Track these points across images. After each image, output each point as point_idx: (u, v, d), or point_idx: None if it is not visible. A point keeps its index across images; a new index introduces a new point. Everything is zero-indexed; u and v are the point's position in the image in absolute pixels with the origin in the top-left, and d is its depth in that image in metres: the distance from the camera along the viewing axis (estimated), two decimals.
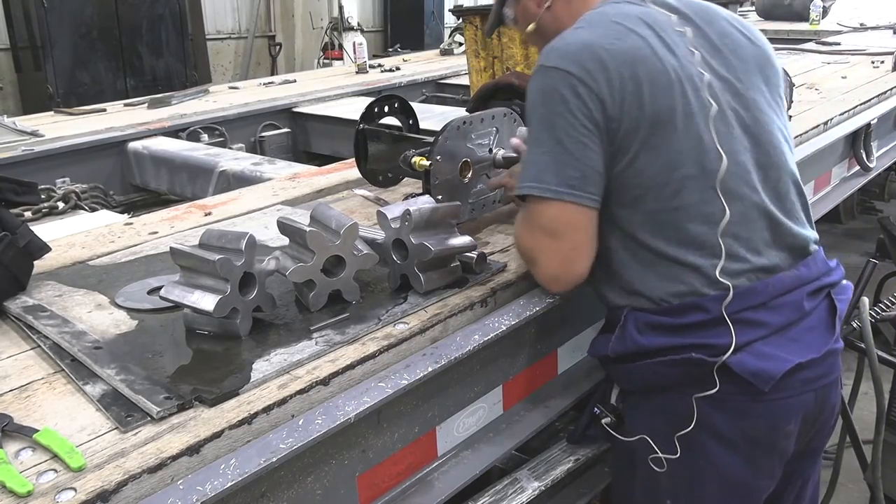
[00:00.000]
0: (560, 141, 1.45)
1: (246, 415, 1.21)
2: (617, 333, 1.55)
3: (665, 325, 1.49)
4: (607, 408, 1.68)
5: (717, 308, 1.44)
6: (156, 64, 7.87)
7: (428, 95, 4.91)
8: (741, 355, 1.43)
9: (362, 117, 2.26)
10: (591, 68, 1.45)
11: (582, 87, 1.44)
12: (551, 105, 1.46)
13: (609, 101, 1.44)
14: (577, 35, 1.52)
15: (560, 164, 1.45)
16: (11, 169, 3.05)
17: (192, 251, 1.45)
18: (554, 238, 1.49)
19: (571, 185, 1.45)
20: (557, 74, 1.46)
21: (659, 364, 1.49)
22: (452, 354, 1.46)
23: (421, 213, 1.59)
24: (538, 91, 1.50)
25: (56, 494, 1.05)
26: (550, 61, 1.49)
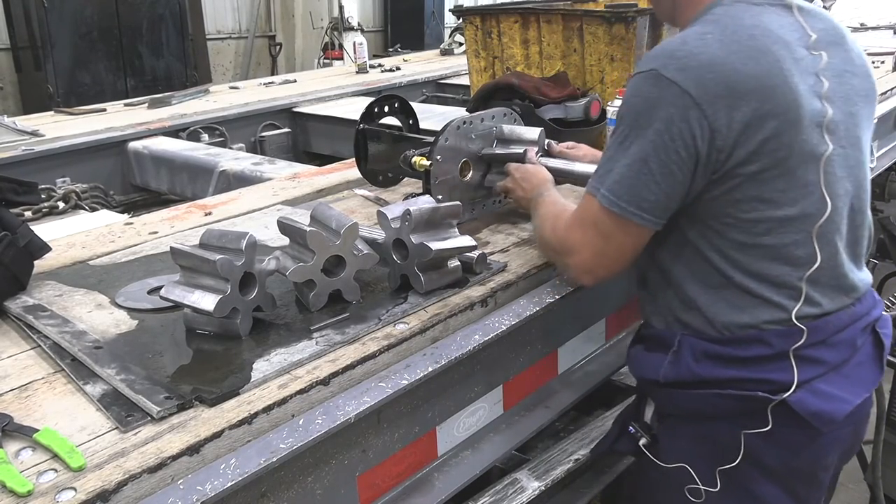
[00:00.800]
0: (646, 160, 1.37)
1: (246, 415, 1.21)
2: (670, 359, 1.50)
3: (724, 355, 1.44)
4: (642, 427, 1.63)
5: (780, 343, 1.41)
6: (156, 64, 7.87)
7: (428, 95, 4.91)
8: (801, 394, 1.40)
9: (362, 117, 2.26)
10: (715, 94, 1.32)
11: (696, 111, 1.32)
12: (653, 119, 1.35)
13: (724, 132, 1.33)
14: (707, 46, 1.36)
15: (639, 183, 1.38)
16: (12, 169, 3.05)
17: (192, 251, 1.45)
18: (604, 238, 1.46)
19: (642, 207, 1.39)
20: (672, 90, 1.33)
21: (714, 396, 1.44)
22: (453, 354, 1.46)
23: (421, 212, 1.59)
24: (644, 97, 1.37)
25: (56, 494, 1.05)
26: (669, 71, 1.34)
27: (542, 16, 2.63)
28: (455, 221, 1.67)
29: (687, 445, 1.53)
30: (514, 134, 2.03)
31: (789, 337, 1.40)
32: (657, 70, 1.35)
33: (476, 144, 2.01)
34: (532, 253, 1.84)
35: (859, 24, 6.24)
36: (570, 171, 2.03)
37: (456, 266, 1.65)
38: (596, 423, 2.12)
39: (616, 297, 2.05)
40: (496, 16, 2.77)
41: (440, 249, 1.59)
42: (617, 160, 1.41)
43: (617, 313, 2.06)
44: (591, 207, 1.46)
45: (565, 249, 1.55)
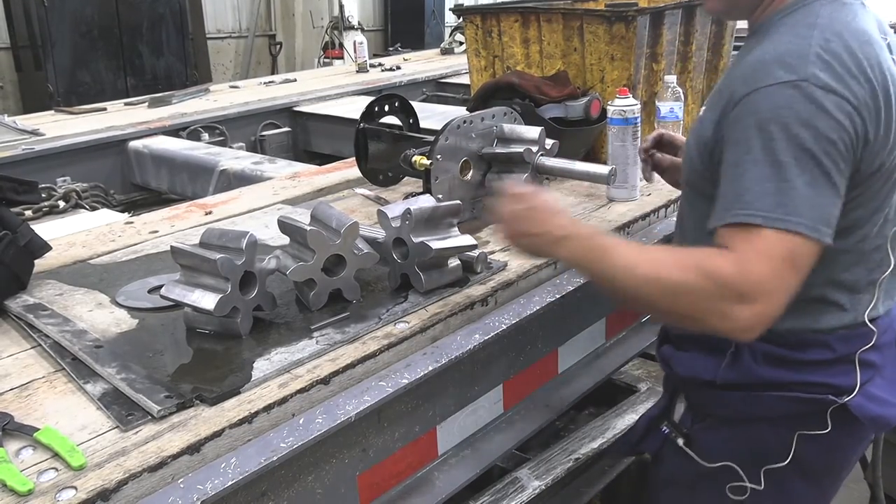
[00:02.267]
0: (829, 174, 1.22)
1: (246, 414, 1.21)
2: (728, 360, 1.44)
3: (786, 358, 1.41)
4: (675, 427, 1.60)
5: (841, 347, 1.39)
6: (156, 63, 7.86)
7: (428, 94, 4.91)
8: (859, 398, 1.39)
9: (363, 116, 2.26)
10: (864, 102, 1.24)
11: (857, 118, 1.23)
12: (820, 132, 1.21)
13: (872, 141, 1.26)
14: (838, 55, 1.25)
15: (824, 204, 1.22)
16: (12, 168, 3.05)
17: (192, 250, 1.45)
18: (798, 275, 1.23)
19: (830, 224, 1.23)
20: (831, 99, 1.21)
21: (774, 398, 1.42)
22: (453, 353, 1.46)
23: (421, 212, 1.59)
24: (801, 109, 1.21)
25: (56, 493, 1.05)
26: (820, 80, 1.22)
27: (542, 15, 2.63)
28: (455, 220, 1.67)
29: (732, 446, 1.50)
30: (514, 133, 2.03)
31: (852, 341, 1.39)
32: (807, 80, 1.22)
33: (476, 143, 2.01)
34: None
35: None
36: (570, 169, 2.03)
37: (456, 265, 1.65)
38: (596, 422, 2.13)
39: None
40: (496, 15, 2.77)
41: (440, 248, 1.59)
42: (789, 181, 1.21)
43: (617, 313, 2.06)
44: (774, 240, 1.20)
45: (740, 299, 1.21)
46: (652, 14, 2.48)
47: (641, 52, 2.48)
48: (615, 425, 2.11)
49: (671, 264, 1.28)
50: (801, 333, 1.40)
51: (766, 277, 1.21)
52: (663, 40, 2.55)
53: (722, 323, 1.23)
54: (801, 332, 1.40)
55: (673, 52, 2.63)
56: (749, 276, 1.21)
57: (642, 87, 2.54)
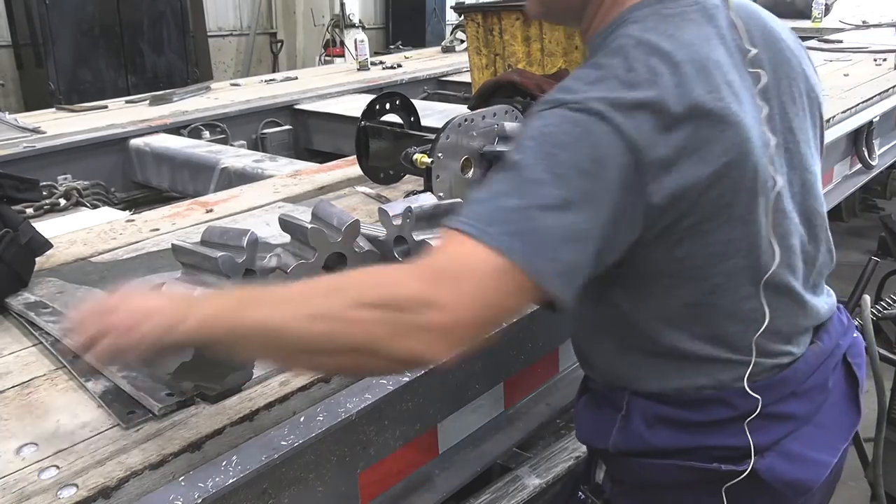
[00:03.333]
0: (572, 208, 1.02)
1: (247, 412, 1.22)
2: (619, 425, 1.29)
3: (680, 420, 1.24)
4: (593, 491, 1.45)
5: (744, 404, 1.21)
6: (157, 61, 7.86)
7: (429, 93, 4.90)
8: (771, 459, 1.22)
9: (364, 114, 2.26)
10: (657, 138, 1.05)
11: (631, 156, 1.04)
12: (580, 160, 1.03)
13: (664, 183, 1.06)
14: (634, 81, 1.08)
15: (561, 239, 1.03)
16: (13, 166, 3.04)
17: (193, 248, 1.45)
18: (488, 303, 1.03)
19: (560, 272, 1.03)
20: (602, 128, 1.04)
21: (672, 467, 1.25)
22: None
23: (423, 210, 1.59)
24: (566, 133, 1.05)
25: (58, 491, 1.05)
26: (599, 105, 1.05)
27: None
28: None
29: None
30: (515, 131, 2.03)
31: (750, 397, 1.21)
32: (585, 103, 1.06)
33: (477, 142, 2.00)
34: None
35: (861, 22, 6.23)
36: None
37: None
38: None
39: None
40: (498, 13, 2.77)
41: None
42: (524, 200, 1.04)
43: None
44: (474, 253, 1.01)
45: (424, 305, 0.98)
46: None
47: None
48: None
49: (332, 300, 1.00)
50: (695, 391, 1.23)
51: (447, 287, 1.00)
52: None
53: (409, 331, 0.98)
54: (696, 389, 1.23)
55: None
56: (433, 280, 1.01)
57: None
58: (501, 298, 1.02)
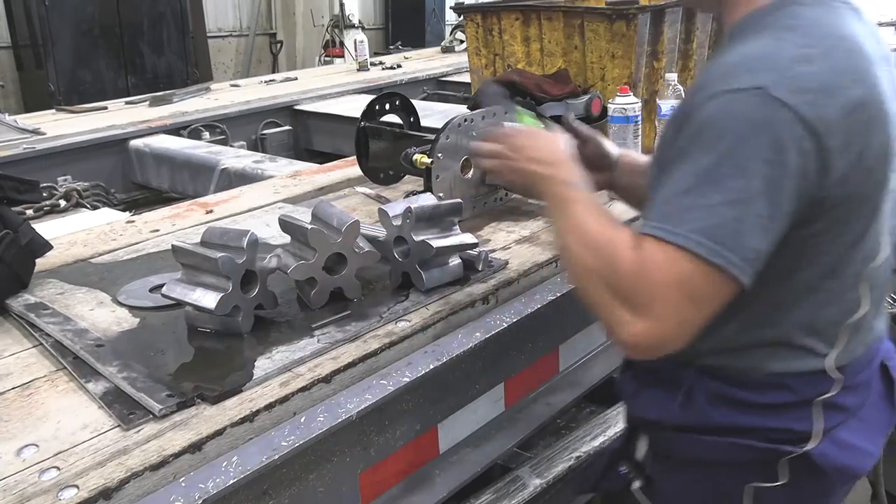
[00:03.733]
0: (754, 199, 1.07)
1: (248, 412, 1.22)
2: (681, 401, 1.30)
3: (742, 400, 1.26)
4: (634, 466, 1.44)
5: (804, 390, 1.24)
6: (157, 62, 7.86)
7: (429, 93, 4.90)
8: (824, 445, 1.25)
9: (363, 115, 2.26)
10: (832, 123, 1.07)
11: (811, 142, 1.07)
12: (760, 148, 1.06)
13: (835, 168, 1.10)
14: (816, 64, 1.10)
15: (746, 228, 1.07)
16: (13, 167, 3.04)
17: (193, 249, 1.46)
18: (694, 303, 1.10)
19: (748, 258, 1.08)
20: (785, 115, 1.06)
21: (729, 444, 1.27)
22: (454, 352, 1.46)
23: (422, 210, 1.59)
24: (747, 121, 1.07)
25: (58, 492, 1.05)
26: (779, 92, 1.07)
27: (543, 13, 2.63)
28: (456, 219, 1.67)
29: (687, 490, 1.38)
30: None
31: (817, 384, 1.25)
32: (765, 89, 1.07)
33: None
34: (534, 250, 1.84)
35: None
36: None
37: (457, 264, 1.65)
38: (597, 420, 2.12)
39: None
40: (497, 13, 2.77)
41: (441, 247, 1.59)
42: (707, 196, 1.08)
43: None
44: (676, 258, 1.08)
45: (628, 305, 1.12)
46: (653, 12, 2.48)
47: (642, 49, 2.48)
48: (616, 423, 2.11)
49: (592, 249, 1.17)
50: (761, 374, 1.26)
51: (655, 294, 1.10)
52: (664, 38, 2.55)
53: (612, 322, 1.14)
54: (763, 373, 1.26)
55: (674, 49, 2.63)
56: (640, 285, 1.11)
57: (643, 85, 2.55)
58: (702, 299, 1.10)
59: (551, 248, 1.81)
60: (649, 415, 1.38)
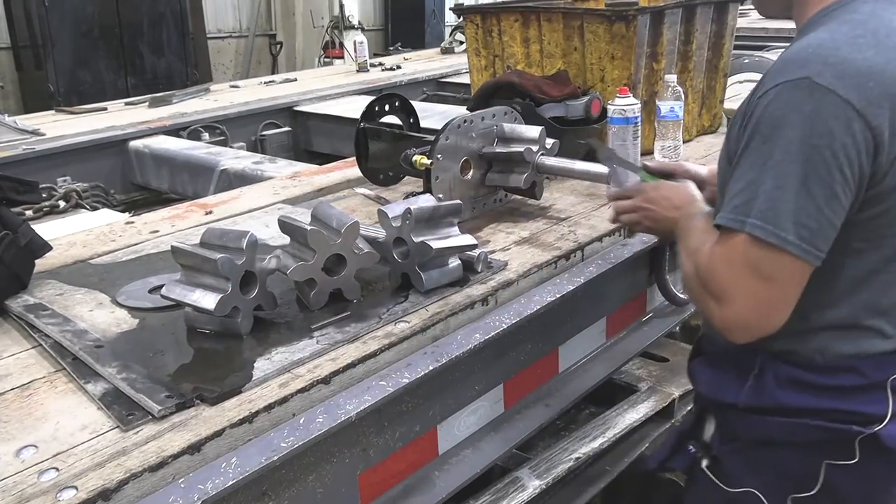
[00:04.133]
0: (807, 181, 1.16)
1: (247, 413, 1.22)
2: (751, 383, 1.36)
3: (812, 383, 1.31)
4: (703, 447, 1.50)
5: (874, 373, 1.29)
6: (157, 63, 7.86)
7: (429, 94, 4.91)
8: (893, 427, 1.28)
9: (363, 116, 2.26)
10: (877, 103, 1.15)
11: (860, 123, 1.15)
12: (811, 134, 1.15)
13: (887, 146, 1.16)
14: (862, 51, 1.18)
15: (799, 208, 1.17)
16: (12, 168, 3.05)
17: (193, 250, 1.45)
18: (764, 283, 1.21)
19: (803, 236, 1.17)
20: (831, 100, 1.15)
21: (799, 425, 1.32)
22: (453, 353, 1.46)
23: (422, 211, 1.59)
24: (796, 109, 1.17)
25: (58, 493, 1.05)
26: (824, 79, 1.16)
27: (542, 14, 2.63)
28: (456, 220, 1.67)
29: (754, 470, 1.42)
30: (514, 132, 2.04)
31: (886, 366, 1.29)
32: (810, 78, 1.16)
33: (477, 143, 2.01)
34: (533, 251, 1.84)
35: None
36: (570, 169, 2.03)
37: (456, 265, 1.65)
38: (596, 421, 2.13)
39: (616, 296, 2.05)
40: (497, 14, 2.77)
41: (441, 248, 1.59)
42: (764, 183, 1.19)
43: (617, 312, 2.06)
44: (738, 245, 1.21)
45: (712, 295, 1.27)
46: (652, 13, 2.48)
47: (642, 51, 2.48)
48: (615, 425, 2.11)
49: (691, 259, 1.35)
50: (831, 357, 1.31)
51: (723, 280, 1.24)
52: (664, 39, 2.55)
53: (708, 315, 1.31)
54: (832, 355, 1.31)
55: (673, 51, 2.63)
56: (713, 278, 1.26)
57: (643, 87, 2.55)
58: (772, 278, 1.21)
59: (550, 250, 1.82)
60: (720, 397, 1.44)
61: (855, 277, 1.27)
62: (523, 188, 2.02)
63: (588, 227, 1.98)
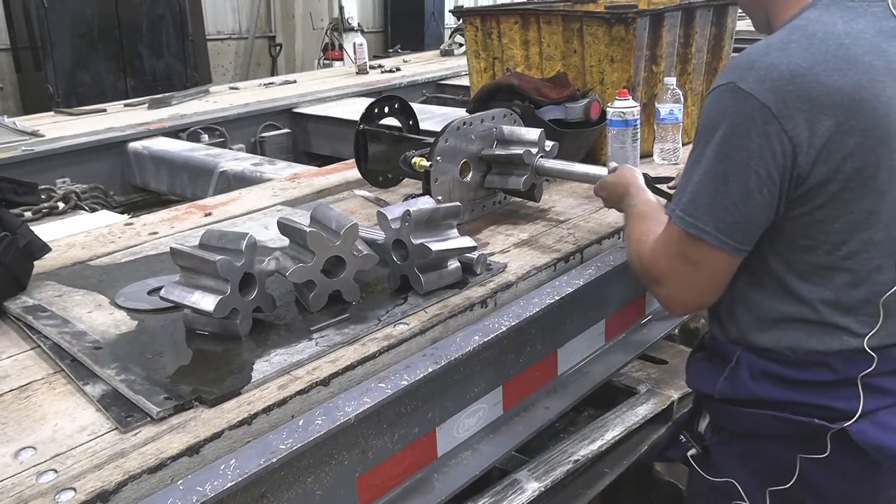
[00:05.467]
0: (726, 178, 1.27)
1: (246, 415, 1.21)
2: (727, 374, 1.43)
3: (784, 377, 1.36)
4: (694, 437, 1.56)
5: (845, 369, 1.32)
6: (156, 64, 7.87)
7: (428, 96, 4.91)
8: (863, 424, 1.31)
9: (362, 118, 2.26)
10: (796, 107, 1.21)
11: (774, 126, 1.22)
12: (732, 135, 1.25)
13: (804, 148, 1.22)
14: (789, 55, 1.24)
15: (716, 203, 1.28)
16: (12, 169, 3.05)
17: (192, 252, 1.45)
18: (692, 267, 1.34)
19: (720, 227, 1.28)
20: (750, 103, 1.23)
21: (770, 417, 1.37)
22: (452, 355, 1.46)
23: (421, 213, 1.59)
24: (721, 112, 1.27)
25: (56, 494, 1.05)
26: (746, 83, 1.24)
27: (542, 17, 2.63)
28: (455, 222, 1.67)
29: (737, 461, 1.47)
30: (514, 135, 2.04)
31: (857, 363, 1.32)
32: (734, 82, 1.26)
33: (476, 145, 2.01)
34: (532, 254, 1.84)
35: None
36: (569, 171, 2.03)
37: (456, 267, 1.65)
38: (595, 424, 2.13)
39: (615, 298, 2.05)
40: (496, 17, 2.77)
41: (440, 250, 1.59)
42: (692, 179, 1.32)
43: (616, 314, 2.06)
44: (673, 233, 1.36)
45: (653, 279, 1.44)
46: (652, 16, 2.48)
47: (641, 53, 2.48)
48: (614, 427, 2.11)
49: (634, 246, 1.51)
50: (802, 353, 1.35)
51: (661, 265, 1.40)
52: (663, 42, 2.55)
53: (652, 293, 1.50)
54: (803, 351, 1.35)
55: (673, 53, 2.63)
56: (653, 263, 1.42)
57: (642, 89, 2.55)
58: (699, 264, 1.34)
59: (549, 252, 1.82)
60: (700, 387, 1.52)
61: (808, 272, 1.32)
62: (522, 190, 2.02)
63: (587, 230, 1.98)
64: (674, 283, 1.39)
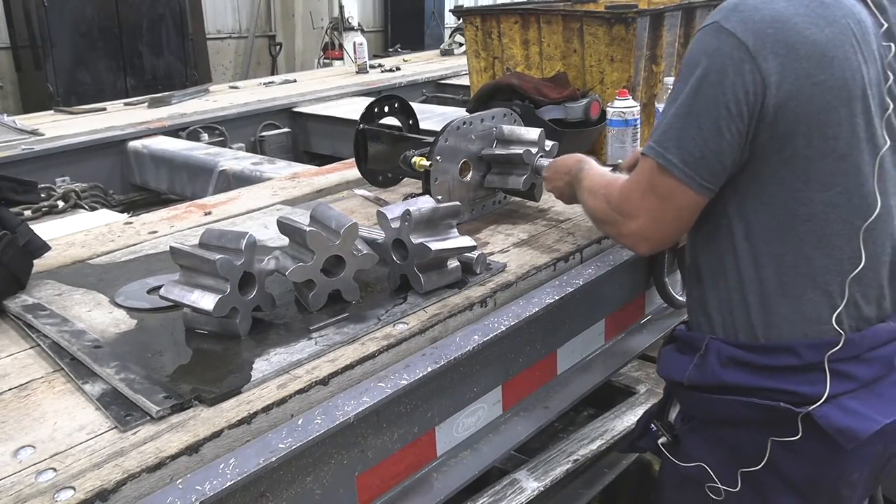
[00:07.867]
0: (697, 114, 1.32)
1: (245, 414, 1.21)
2: (696, 362, 1.47)
3: (751, 363, 1.40)
4: (665, 426, 1.60)
5: (810, 355, 1.36)
6: (156, 63, 7.87)
7: (428, 96, 4.91)
8: (827, 408, 1.34)
9: (362, 117, 2.26)
10: (771, 49, 1.27)
11: (750, 64, 1.28)
12: (709, 71, 1.31)
13: (773, 90, 1.28)
14: (773, 2, 1.31)
15: (686, 136, 1.33)
16: (11, 168, 3.05)
17: (191, 251, 1.45)
18: (660, 201, 1.39)
19: (686, 161, 1.34)
20: (730, 40, 1.29)
21: (738, 403, 1.41)
22: (452, 355, 1.46)
23: (421, 213, 1.59)
24: (702, 50, 1.34)
25: (55, 493, 1.05)
26: (729, 22, 1.31)
27: (542, 16, 2.63)
28: (455, 222, 1.67)
29: (708, 447, 1.50)
30: (513, 134, 2.04)
31: (821, 348, 1.35)
32: (718, 22, 1.33)
33: (476, 145, 2.01)
34: (532, 253, 1.84)
35: None
36: None
37: (455, 266, 1.65)
38: (595, 423, 2.13)
39: (615, 298, 2.05)
40: (496, 16, 2.77)
41: (440, 250, 1.59)
42: (670, 112, 1.37)
43: (616, 314, 2.07)
44: (645, 167, 1.41)
45: (622, 216, 1.47)
46: (652, 16, 2.48)
47: (641, 53, 2.48)
48: (614, 427, 2.12)
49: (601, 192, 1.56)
50: (769, 338, 1.39)
51: (632, 200, 1.44)
52: (663, 42, 2.55)
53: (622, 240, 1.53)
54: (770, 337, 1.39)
55: (673, 53, 2.63)
56: (624, 199, 1.47)
57: (642, 89, 2.55)
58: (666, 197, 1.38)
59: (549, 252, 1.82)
60: (670, 375, 1.55)
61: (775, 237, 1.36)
62: (522, 190, 2.02)
63: (587, 230, 1.98)
64: (643, 217, 1.42)
